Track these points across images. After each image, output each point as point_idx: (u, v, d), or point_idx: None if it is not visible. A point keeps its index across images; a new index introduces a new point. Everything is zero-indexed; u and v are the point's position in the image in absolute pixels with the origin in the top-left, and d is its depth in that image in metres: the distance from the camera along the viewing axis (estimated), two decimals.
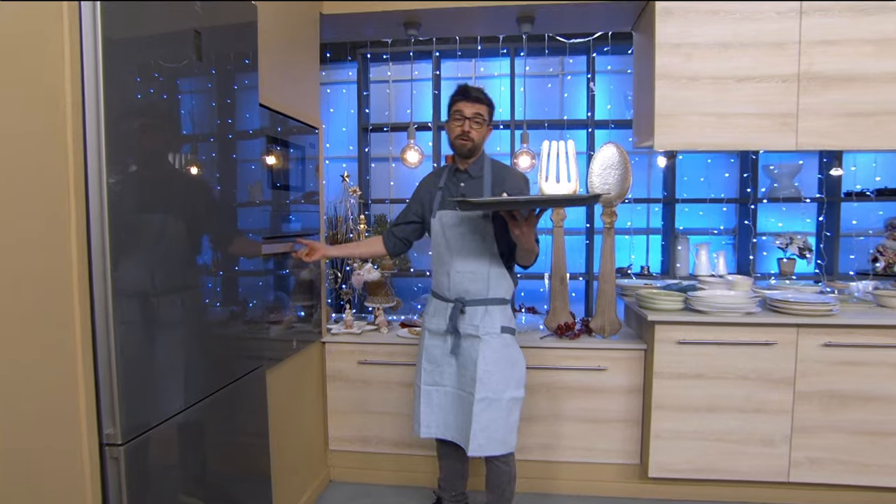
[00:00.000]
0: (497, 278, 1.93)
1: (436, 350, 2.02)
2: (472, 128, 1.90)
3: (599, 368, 2.41)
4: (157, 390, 1.32)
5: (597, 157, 2.62)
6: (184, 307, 1.42)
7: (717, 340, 2.23)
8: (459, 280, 1.94)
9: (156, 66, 1.32)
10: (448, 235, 1.97)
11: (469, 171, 1.97)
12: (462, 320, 1.94)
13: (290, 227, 2.21)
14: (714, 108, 2.25)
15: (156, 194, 1.33)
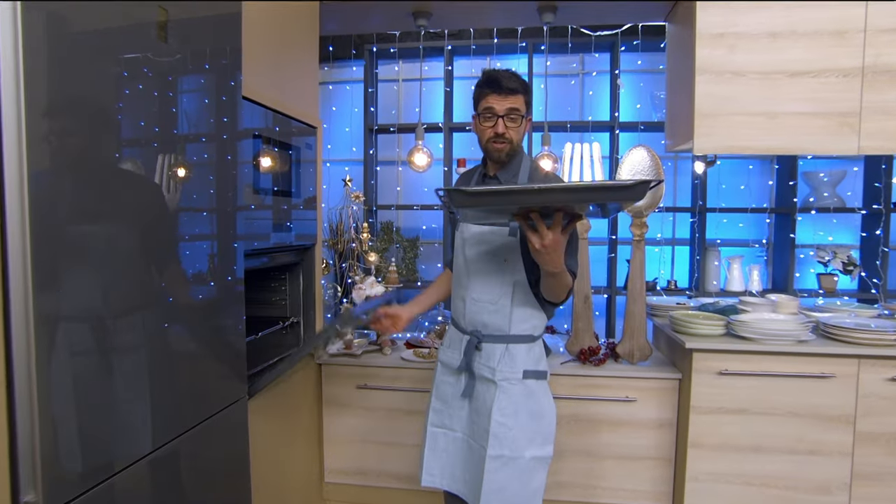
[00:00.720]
0: (522, 311, 1.58)
1: (447, 388, 1.71)
2: (507, 127, 1.53)
3: (628, 399, 2.14)
4: (98, 441, 1.08)
5: (625, 161, 2.36)
6: (137, 334, 1.18)
7: (765, 371, 1.95)
8: (476, 310, 1.61)
9: (102, 58, 1.09)
10: (467, 254, 1.66)
11: (499, 178, 1.61)
12: (477, 358, 1.62)
13: (282, 238, 1.97)
14: (762, 106, 1.97)
15: (99, 203, 1.09)
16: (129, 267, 1.17)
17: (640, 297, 2.25)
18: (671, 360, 2.25)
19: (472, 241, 1.67)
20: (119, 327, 1.14)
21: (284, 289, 2.26)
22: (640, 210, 2.34)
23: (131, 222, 1.18)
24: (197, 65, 1.40)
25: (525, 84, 1.58)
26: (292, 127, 2.04)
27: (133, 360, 1.18)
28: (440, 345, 1.85)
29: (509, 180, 1.62)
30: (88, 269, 1.06)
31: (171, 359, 1.30)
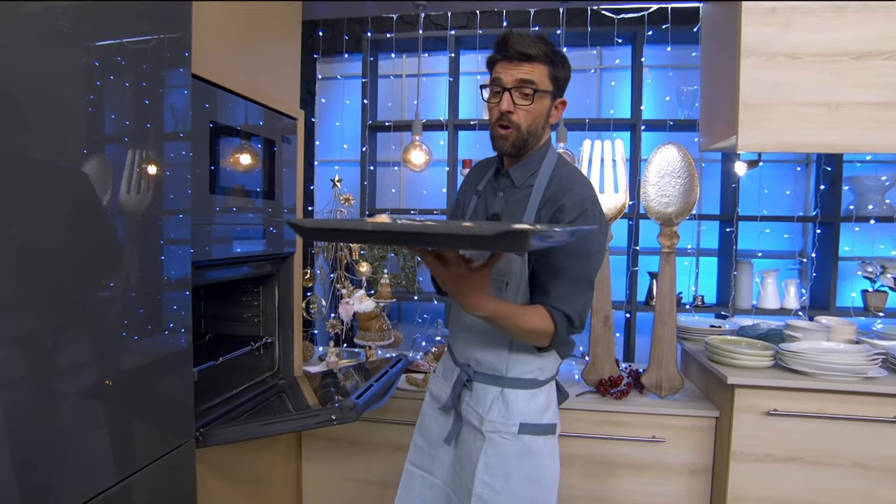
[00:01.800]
0: (523, 350, 1.25)
1: (432, 424, 1.42)
2: (515, 106, 1.19)
3: (655, 440, 1.82)
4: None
5: (653, 161, 2.05)
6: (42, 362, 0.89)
7: (824, 413, 1.63)
8: (467, 342, 1.31)
9: None
10: None
11: (511, 176, 1.28)
12: (467, 398, 1.31)
13: (250, 246, 1.68)
14: (820, 95, 1.65)
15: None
16: (36, 281, 0.89)
17: (670, 318, 1.93)
18: (705, 393, 1.92)
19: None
20: (29, 353, 0.85)
21: (258, 304, 1.97)
22: (669, 217, 2.02)
23: (43, 227, 0.89)
24: (126, 30, 1.11)
25: (550, 51, 1.19)
26: (265, 117, 1.75)
27: (37, 394, 0.89)
28: (433, 372, 1.54)
29: (524, 181, 1.27)
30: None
31: (91, 393, 1.01)
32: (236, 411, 1.57)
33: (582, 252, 1.18)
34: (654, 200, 2.04)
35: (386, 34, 2.92)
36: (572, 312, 1.18)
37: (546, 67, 1.20)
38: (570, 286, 1.19)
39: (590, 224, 1.18)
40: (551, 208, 1.21)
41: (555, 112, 1.26)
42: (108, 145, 1.08)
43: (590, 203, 1.21)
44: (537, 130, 1.23)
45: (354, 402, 1.31)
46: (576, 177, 1.26)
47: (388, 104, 3.26)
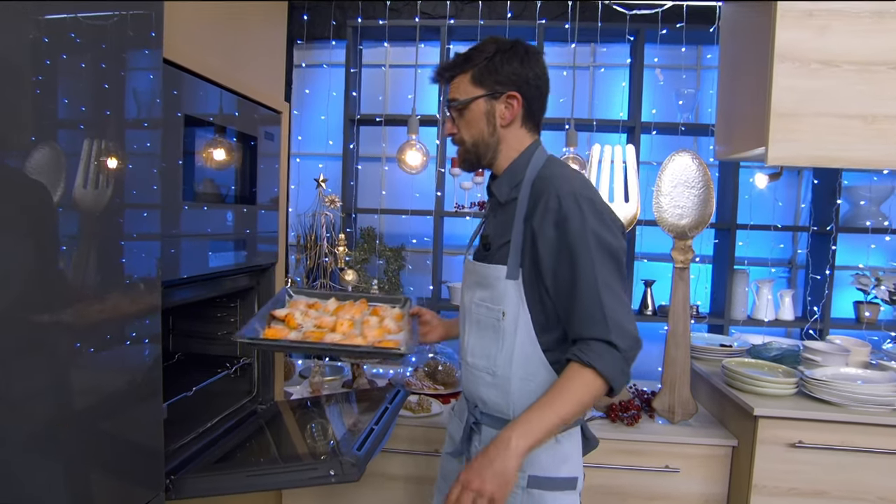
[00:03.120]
0: (532, 387, 1.09)
1: (450, 466, 1.29)
2: (453, 126, 1.17)
3: (668, 469, 1.70)
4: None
5: (666, 169, 1.92)
6: None
7: (850, 446, 1.54)
8: (471, 379, 1.19)
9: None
10: (465, 297, 1.22)
11: (494, 193, 1.18)
12: (476, 442, 1.18)
13: (226, 259, 1.46)
14: (858, 106, 1.54)
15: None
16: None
17: (684, 339, 1.81)
18: (720, 419, 1.81)
19: (469, 281, 1.20)
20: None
21: (234, 320, 1.75)
22: (683, 230, 1.90)
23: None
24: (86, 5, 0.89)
25: (468, 55, 1.13)
26: (247, 110, 1.53)
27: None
28: (451, 410, 1.40)
29: (507, 195, 1.15)
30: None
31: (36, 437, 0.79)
32: (212, 450, 1.36)
33: (585, 257, 1.01)
34: (667, 212, 1.91)
35: (378, 21, 2.70)
36: (613, 335, 0.99)
37: (467, 74, 1.13)
38: (592, 304, 1.01)
39: (575, 219, 1.03)
40: (532, 217, 1.08)
41: (504, 111, 1.13)
42: (62, 135, 0.86)
43: (570, 197, 1.04)
44: (484, 138, 1.14)
45: (356, 456, 1.12)
46: (557, 175, 1.10)
47: (377, 97, 3.04)
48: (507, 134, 1.15)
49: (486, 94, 1.11)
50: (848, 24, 1.52)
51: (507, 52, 1.11)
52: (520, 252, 1.09)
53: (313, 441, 1.37)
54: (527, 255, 1.09)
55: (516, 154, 1.16)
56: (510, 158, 1.16)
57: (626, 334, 1.00)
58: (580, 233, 1.02)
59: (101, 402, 0.95)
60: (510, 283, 1.10)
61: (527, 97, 1.13)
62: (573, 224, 1.03)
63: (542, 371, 1.10)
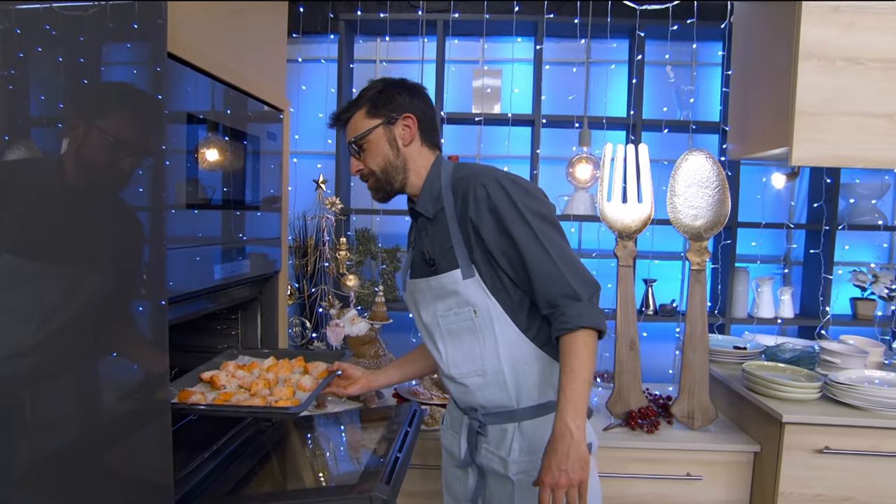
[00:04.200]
0: (527, 372, 1.16)
1: (455, 483, 1.30)
2: (358, 163, 1.23)
3: (690, 477, 1.66)
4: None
5: (679, 169, 1.87)
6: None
7: (877, 451, 1.52)
8: (461, 389, 1.21)
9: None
10: (427, 318, 1.22)
11: (421, 211, 1.23)
12: (484, 445, 1.20)
13: (231, 269, 1.36)
14: (884, 105, 1.52)
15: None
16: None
17: (702, 342, 1.77)
18: (739, 423, 1.78)
19: (431, 297, 1.21)
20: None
21: (236, 333, 1.65)
22: (698, 231, 1.86)
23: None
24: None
25: (357, 98, 1.23)
26: (250, 108, 1.43)
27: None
28: (441, 423, 1.38)
29: (434, 209, 1.20)
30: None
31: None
32: (222, 477, 1.26)
33: (525, 229, 1.10)
34: (682, 213, 1.87)
35: (379, 14, 2.59)
36: (575, 286, 1.07)
37: (361, 111, 1.21)
38: (547, 267, 1.09)
39: (504, 200, 1.10)
40: (465, 219, 1.15)
41: (403, 131, 1.21)
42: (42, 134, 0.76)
43: (494, 183, 1.12)
44: (391, 160, 1.21)
45: (387, 491, 1.04)
46: (472, 170, 1.18)
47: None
48: (410, 152, 1.21)
49: (383, 121, 1.19)
50: (874, 21, 1.49)
51: (394, 84, 1.22)
52: (465, 250, 1.15)
53: (335, 468, 1.28)
54: (474, 249, 1.14)
55: (425, 171, 1.22)
56: (421, 176, 1.22)
57: (585, 281, 1.09)
58: (513, 210, 1.10)
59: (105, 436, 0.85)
60: (469, 281, 1.15)
61: (420, 119, 1.21)
62: (504, 204, 1.10)
63: (528, 352, 1.15)
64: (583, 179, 2.14)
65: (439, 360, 1.23)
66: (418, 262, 1.27)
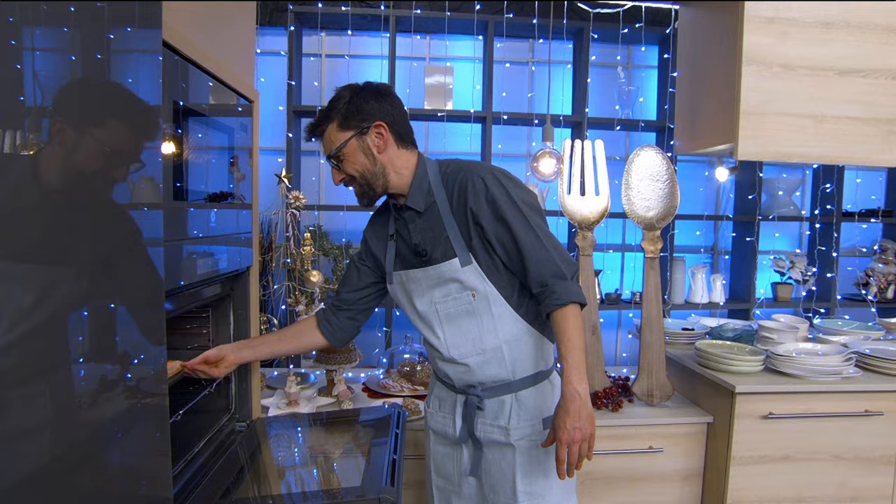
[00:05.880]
0: (520, 347, 1.26)
1: (446, 461, 1.35)
2: (339, 173, 1.28)
3: (652, 450, 1.79)
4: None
5: (633, 164, 2.00)
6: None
7: (811, 413, 1.71)
8: (460, 370, 1.28)
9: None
10: (422, 307, 1.28)
11: (412, 206, 1.28)
12: (481, 419, 1.28)
13: (206, 266, 1.30)
14: (811, 107, 1.71)
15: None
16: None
17: (658, 324, 1.91)
18: (692, 398, 1.94)
19: (428, 286, 1.27)
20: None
21: (206, 332, 1.58)
22: (651, 222, 2.00)
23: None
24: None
25: (325, 111, 1.26)
26: (226, 98, 1.38)
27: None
28: (427, 407, 1.43)
29: (421, 202, 1.26)
30: None
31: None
32: (204, 483, 1.21)
33: (520, 218, 1.19)
34: (637, 205, 2.00)
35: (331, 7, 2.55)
36: (563, 267, 1.19)
37: (333, 124, 1.24)
38: (540, 251, 1.19)
39: (500, 192, 1.19)
40: (464, 210, 1.22)
41: (376, 139, 1.24)
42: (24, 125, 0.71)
43: (490, 176, 1.21)
44: (369, 168, 1.25)
45: (393, 491, 1.05)
46: (463, 165, 1.26)
47: (314, 83, 2.88)
48: (387, 157, 1.25)
49: (355, 133, 1.23)
50: (801, 32, 1.68)
51: (361, 92, 1.24)
52: (463, 239, 1.22)
53: (330, 472, 1.26)
54: (472, 237, 1.21)
55: (407, 171, 1.27)
56: (403, 177, 1.27)
57: (568, 261, 1.21)
58: (508, 201, 1.19)
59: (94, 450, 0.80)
60: (468, 269, 1.22)
61: (391, 124, 1.24)
62: (499, 196, 1.19)
63: (521, 328, 1.25)
64: (546, 173, 2.24)
65: (438, 344, 1.27)
66: (405, 253, 1.31)
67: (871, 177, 3.28)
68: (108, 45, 0.73)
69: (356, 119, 1.22)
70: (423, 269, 1.26)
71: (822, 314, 3.02)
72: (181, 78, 1.11)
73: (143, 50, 0.87)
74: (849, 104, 1.71)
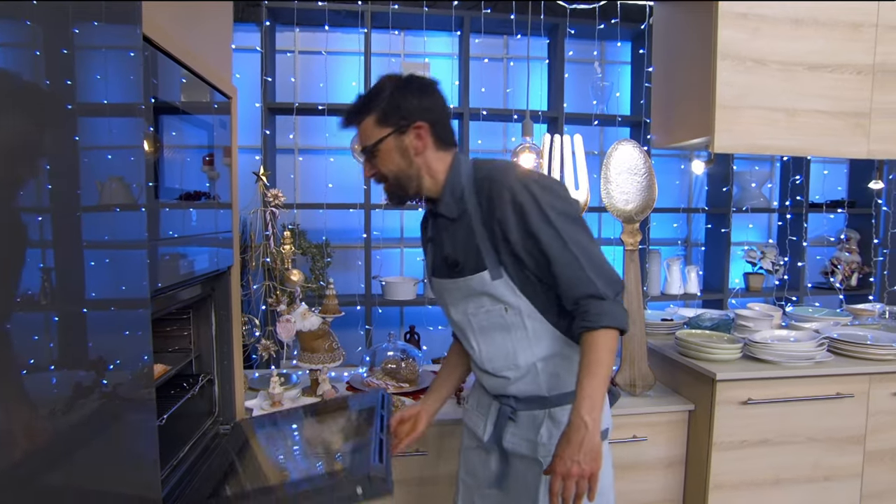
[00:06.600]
0: (557, 363, 1.19)
1: (475, 460, 1.32)
2: (371, 168, 1.19)
3: (636, 439, 1.82)
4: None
5: (612, 158, 2.03)
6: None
7: (787, 397, 1.76)
8: (494, 381, 1.24)
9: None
10: (457, 316, 1.24)
11: (443, 213, 1.20)
12: (511, 429, 1.23)
13: (187, 266, 1.27)
14: (783, 101, 1.76)
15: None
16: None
17: (639, 316, 1.94)
18: (673, 387, 1.98)
19: (461, 296, 1.21)
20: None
21: (188, 334, 1.55)
22: (630, 215, 2.03)
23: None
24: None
25: (366, 100, 1.17)
26: (205, 94, 1.35)
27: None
28: (465, 403, 1.39)
29: (453, 210, 1.18)
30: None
31: None
32: (192, 484, 1.19)
33: (550, 231, 1.10)
34: (616, 198, 2.02)
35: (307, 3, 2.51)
36: (599, 286, 1.09)
37: (372, 117, 1.15)
38: (572, 268, 1.10)
39: (530, 202, 1.10)
40: (492, 221, 1.14)
41: (415, 141, 1.16)
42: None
43: (518, 185, 1.12)
44: (403, 170, 1.17)
45: (381, 468, 1.04)
46: (494, 170, 1.16)
47: (290, 79, 2.84)
48: (423, 161, 1.18)
49: (393, 130, 1.14)
50: (772, 28, 1.73)
51: (404, 88, 1.16)
52: (493, 251, 1.15)
53: (315, 459, 1.25)
54: (502, 250, 1.14)
55: (442, 175, 1.19)
56: (438, 181, 1.20)
57: (610, 280, 1.11)
58: (538, 212, 1.10)
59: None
60: (498, 282, 1.15)
61: (432, 125, 1.16)
62: (528, 206, 1.10)
63: (559, 345, 1.18)
64: None
65: (474, 355, 1.23)
66: (439, 261, 1.24)
67: (836, 169, 3.40)
68: (81, 39, 0.71)
69: (396, 116, 1.14)
70: (454, 280, 1.19)
71: (794, 302, 3.11)
72: (159, 74, 1.08)
73: (122, 46, 0.85)
74: (818, 98, 1.77)
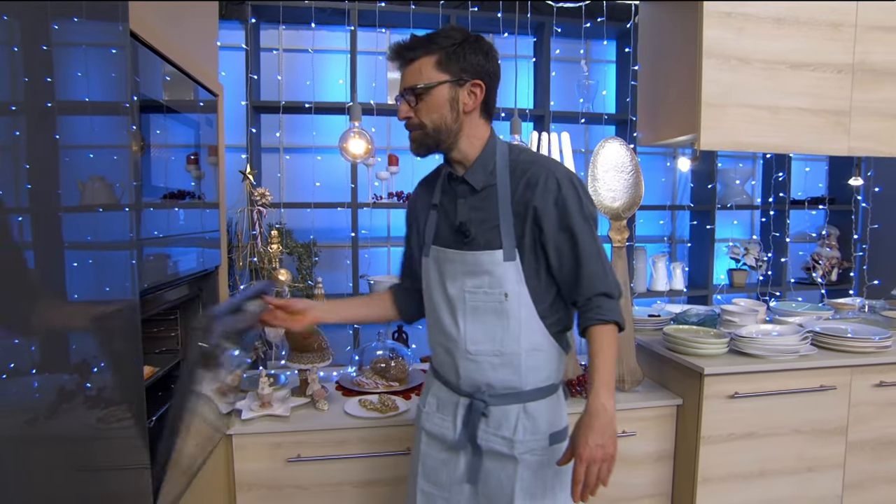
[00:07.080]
0: (537, 357, 1.19)
1: (438, 466, 1.26)
2: (410, 108, 1.14)
3: (626, 434, 1.84)
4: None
5: (599, 156, 2.04)
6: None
7: (772, 391, 1.79)
8: (474, 368, 1.19)
9: None
10: (451, 289, 1.20)
11: (469, 181, 1.18)
12: (483, 426, 1.20)
13: (174, 268, 1.26)
14: (766, 99, 1.79)
15: None
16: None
17: (627, 313, 1.95)
18: (661, 382, 2.00)
19: (459, 270, 1.18)
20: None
21: (175, 335, 1.52)
22: (617, 212, 2.04)
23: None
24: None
25: (434, 39, 1.12)
26: (191, 92, 1.33)
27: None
28: (422, 406, 1.33)
29: (481, 180, 1.18)
30: None
31: None
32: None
33: (585, 230, 1.15)
34: (603, 195, 2.04)
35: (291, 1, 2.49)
36: (611, 287, 1.16)
37: (432, 58, 1.12)
38: (596, 266, 1.16)
39: (573, 199, 1.14)
40: (525, 205, 1.15)
41: (468, 98, 1.14)
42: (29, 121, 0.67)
43: (566, 180, 1.15)
44: (447, 123, 1.14)
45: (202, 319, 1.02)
46: (538, 159, 1.19)
47: (303, 84, 2.81)
48: (468, 121, 1.16)
49: (452, 79, 1.12)
50: (755, 27, 1.75)
51: (474, 43, 1.14)
52: (513, 234, 1.15)
53: None
54: (525, 234, 1.15)
55: (478, 142, 1.19)
56: (473, 146, 1.18)
57: (616, 281, 1.19)
58: (578, 210, 1.14)
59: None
60: (509, 264, 1.14)
61: (487, 88, 1.16)
62: (571, 203, 1.14)
63: (543, 338, 1.19)
64: None
65: (455, 334, 1.19)
66: (445, 229, 1.22)
67: (817, 166, 3.46)
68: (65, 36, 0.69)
69: (458, 66, 1.11)
70: (461, 252, 1.17)
71: (777, 297, 3.17)
72: (144, 71, 1.06)
73: (106, 43, 0.83)
74: (800, 96, 1.80)
